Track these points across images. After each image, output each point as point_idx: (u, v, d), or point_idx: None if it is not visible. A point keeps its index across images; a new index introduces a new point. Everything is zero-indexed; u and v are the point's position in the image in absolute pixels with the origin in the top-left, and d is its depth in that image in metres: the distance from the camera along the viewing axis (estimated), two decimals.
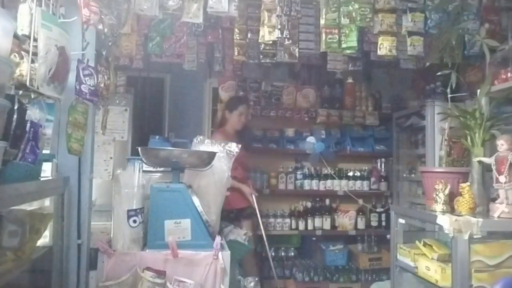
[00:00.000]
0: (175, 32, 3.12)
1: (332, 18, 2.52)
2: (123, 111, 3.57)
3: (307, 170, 4.14)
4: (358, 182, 4.16)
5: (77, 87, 1.75)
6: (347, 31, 2.55)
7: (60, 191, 1.82)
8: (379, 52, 2.65)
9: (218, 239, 1.98)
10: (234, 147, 2.30)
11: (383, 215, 4.13)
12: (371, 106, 4.38)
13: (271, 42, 2.60)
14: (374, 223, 4.15)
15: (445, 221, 1.78)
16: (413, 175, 3.91)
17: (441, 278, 1.84)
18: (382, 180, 4.22)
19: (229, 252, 2.00)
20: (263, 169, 4.07)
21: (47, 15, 1.49)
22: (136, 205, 1.96)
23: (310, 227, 4.01)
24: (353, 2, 2.48)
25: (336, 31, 2.57)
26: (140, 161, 2.13)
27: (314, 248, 4.26)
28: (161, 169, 2.44)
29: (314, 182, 4.10)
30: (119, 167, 2.20)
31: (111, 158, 3.23)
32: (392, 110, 4.36)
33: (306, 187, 4.10)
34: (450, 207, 1.95)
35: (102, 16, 1.85)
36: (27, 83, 1.38)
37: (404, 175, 4.06)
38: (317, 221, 4.02)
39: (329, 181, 4.12)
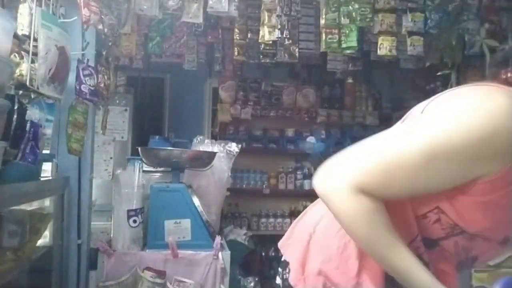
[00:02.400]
0: (175, 32, 3.12)
1: (332, 18, 2.52)
2: (123, 111, 3.55)
3: (307, 170, 4.13)
4: None
5: (77, 87, 1.75)
6: (347, 31, 2.55)
7: (60, 191, 1.81)
8: (379, 52, 2.64)
9: (218, 239, 1.98)
10: (234, 147, 2.30)
11: None
12: (371, 106, 4.38)
13: (271, 42, 2.61)
14: None
15: None
16: None
17: None
18: None
19: (229, 252, 2.01)
20: (263, 169, 4.06)
21: (47, 15, 1.49)
22: (136, 205, 1.97)
23: None
24: (353, 2, 2.48)
25: (336, 31, 2.57)
26: (140, 161, 2.13)
27: None
28: (161, 169, 2.44)
29: None
30: (119, 167, 2.21)
31: (111, 158, 3.22)
32: (392, 110, 4.35)
33: (306, 187, 4.08)
34: None
35: (102, 16, 1.85)
36: (27, 83, 1.38)
37: None
38: None
39: None
